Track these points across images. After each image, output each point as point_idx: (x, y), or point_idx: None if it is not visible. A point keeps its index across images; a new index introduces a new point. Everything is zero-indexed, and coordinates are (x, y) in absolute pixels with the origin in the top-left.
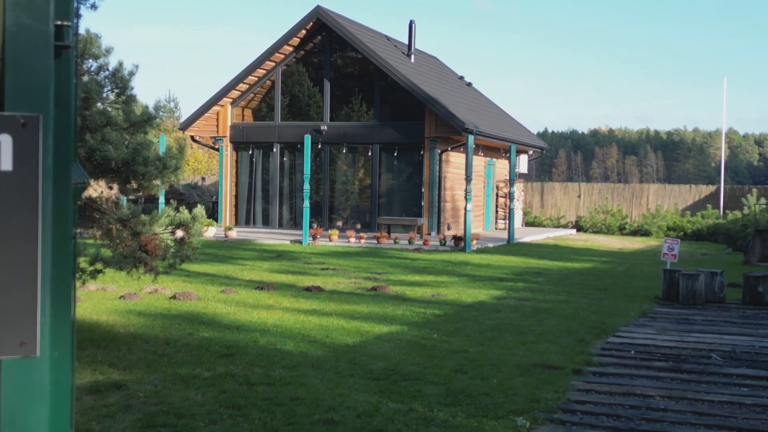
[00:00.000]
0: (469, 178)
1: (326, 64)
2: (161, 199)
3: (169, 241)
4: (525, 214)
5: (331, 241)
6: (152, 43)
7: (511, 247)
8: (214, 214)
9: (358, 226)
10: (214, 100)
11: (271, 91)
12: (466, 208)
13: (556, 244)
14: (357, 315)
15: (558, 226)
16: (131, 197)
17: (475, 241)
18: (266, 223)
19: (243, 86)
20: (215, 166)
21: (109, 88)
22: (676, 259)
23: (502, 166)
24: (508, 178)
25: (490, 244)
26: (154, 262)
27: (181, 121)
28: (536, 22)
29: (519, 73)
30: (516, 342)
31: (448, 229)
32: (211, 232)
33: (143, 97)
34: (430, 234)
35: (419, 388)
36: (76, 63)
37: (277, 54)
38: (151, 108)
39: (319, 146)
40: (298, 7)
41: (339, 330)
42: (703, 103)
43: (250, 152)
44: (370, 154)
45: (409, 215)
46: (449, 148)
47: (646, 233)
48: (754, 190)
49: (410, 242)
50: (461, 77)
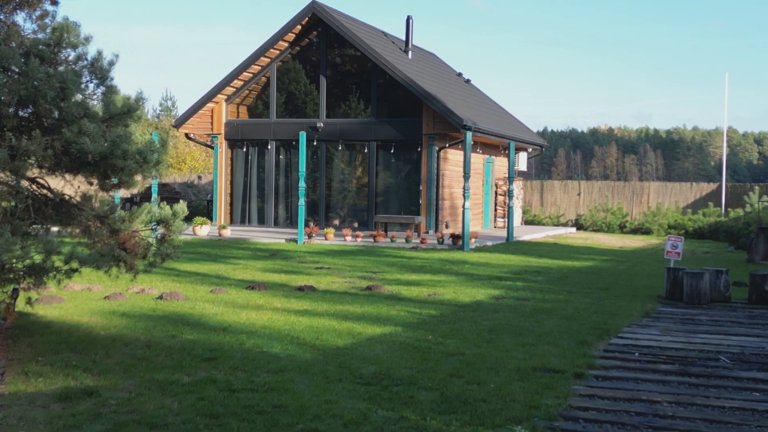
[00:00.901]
0: (467, 176)
1: (322, 60)
2: (153, 197)
3: (149, 239)
4: (524, 212)
5: (326, 239)
6: (149, 43)
7: (510, 245)
8: (209, 213)
9: (356, 225)
10: (209, 97)
11: (267, 87)
12: (464, 206)
13: (556, 242)
14: (350, 315)
15: (558, 225)
16: (126, 195)
17: (473, 240)
18: (262, 221)
19: (238, 83)
20: (213, 165)
21: (87, 78)
22: (680, 257)
23: (501, 164)
24: (507, 175)
25: (489, 243)
26: (134, 260)
27: (176, 118)
28: (534, 21)
29: (518, 73)
30: (515, 344)
31: (447, 227)
32: (205, 231)
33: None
34: (427, 232)
35: (412, 394)
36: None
37: (272, 50)
38: (132, 99)
39: (315, 143)
40: (298, 6)
41: (330, 331)
42: (702, 102)
43: (246, 150)
44: (367, 151)
45: (407, 213)
46: (447, 145)
47: (647, 231)
48: (756, 188)
49: (407, 241)
50: (459, 74)
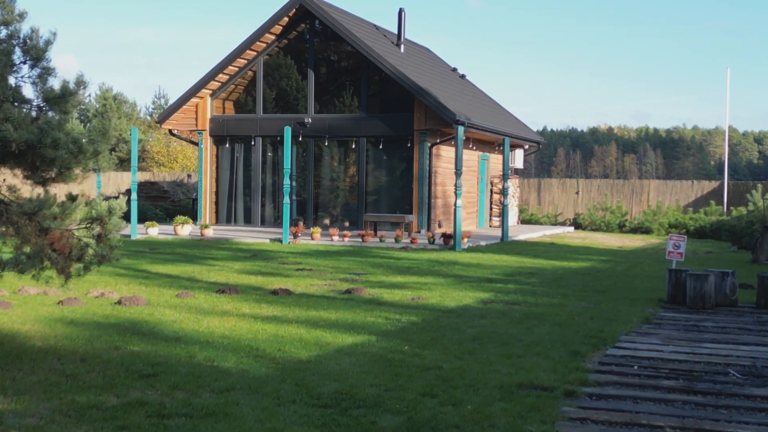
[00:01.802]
0: (459, 172)
1: (310, 54)
2: (133, 196)
3: (86, 239)
4: (521, 211)
5: (313, 239)
6: (147, 42)
7: (505, 245)
8: (194, 212)
9: (346, 224)
10: (193, 92)
11: (253, 82)
12: (456, 204)
13: (553, 242)
14: (322, 323)
15: (555, 224)
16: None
17: (465, 239)
18: (248, 221)
19: (223, 77)
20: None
21: (21, 59)
22: (683, 257)
23: (496, 162)
24: (503, 173)
25: (483, 243)
26: (67, 263)
27: (159, 113)
28: (533, 21)
29: (517, 72)
30: (500, 355)
31: (439, 226)
32: (187, 231)
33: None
34: (419, 232)
35: (374, 419)
36: None
37: (258, 42)
38: (72, 83)
39: (300, 138)
40: None
41: (295, 341)
42: (701, 101)
43: (231, 146)
44: (357, 147)
45: (400, 213)
46: (439, 141)
47: (647, 231)
48: (759, 186)
49: (397, 240)
50: (454, 69)
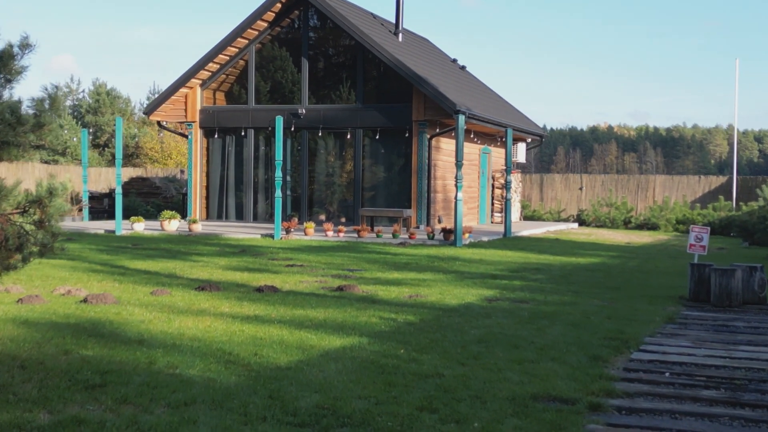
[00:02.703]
0: (459, 164)
1: (304, 42)
2: (118, 190)
3: (25, 226)
4: (523, 207)
5: (306, 234)
6: (146, 42)
7: (508, 241)
8: (184, 207)
9: (343, 220)
10: (182, 81)
11: (245, 71)
12: (456, 198)
13: (557, 238)
14: (307, 323)
15: (558, 220)
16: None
17: (466, 235)
18: (240, 216)
19: (213, 66)
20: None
21: None
22: (705, 251)
23: (498, 155)
24: (505, 166)
25: (484, 238)
26: (4, 253)
27: (147, 104)
28: (532, 21)
29: (516, 71)
30: (509, 360)
31: (439, 222)
32: (174, 226)
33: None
34: (418, 227)
35: None
36: None
37: (250, 30)
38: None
39: (292, 129)
40: None
41: (275, 344)
42: (701, 101)
43: (222, 139)
44: (353, 139)
45: (398, 207)
46: (438, 131)
47: (654, 227)
48: None
49: (394, 236)
50: (454, 60)
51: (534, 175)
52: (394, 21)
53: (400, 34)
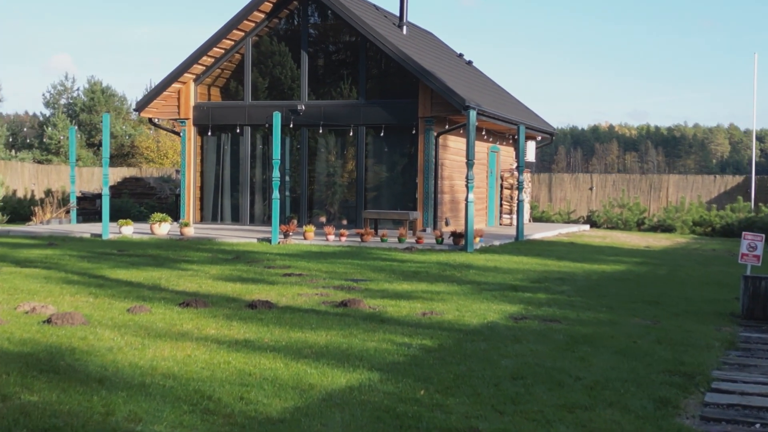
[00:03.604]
0: (470, 163)
1: (303, 34)
2: (104, 190)
3: None
4: (532, 208)
5: (305, 239)
6: (144, 42)
7: (521, 245)
8: (177, 208)
9: (344, 222)
10: (175, 76)
11: (241, 65)
12: (467, 199)
13: (572, 241)
14: (306, 350)
15: (568, 222)
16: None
17: (477, 239)
18: (236, 218)
19: (208, 60)
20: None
21: None
22: (759, 261)
23: (506, 154)
24: (515, 166)
25: (496, 242)
26: None
27: (137, 100)
28: (531, 19)
29: (515, 70)
30: (556, 406)
31: (447, 224)
32: (165, 230)
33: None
34: (424, 230)
35: None
36: None
37: (246, 22)
38: None
39: (291, 126)
40: None
41: (267, 383)
42: (700, 100)
43: (218, 137)
44: (356, 137)
45: (403, 209)
46: (447, 128)
47: (669, 229)
48: None
49: (400, 240)
50: (460, 55)
51: (542, 175)
52: (398, 14)
53: (405, 27)
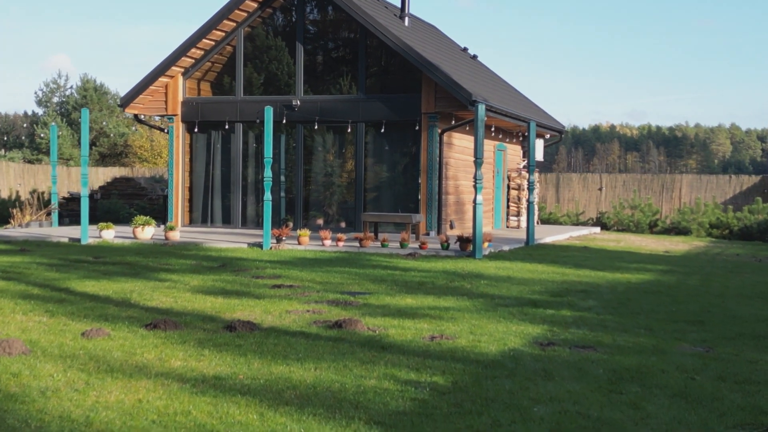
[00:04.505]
0: (479, 162)
1: (299, 25)
2: (83, 191)
3: None
4: (539, 209)
5: (300, 244)
6: (143, 42)
7: (533, 250)
8: (165, 210)
9: (342, 225)
10: (162, 69)
11: (232, 58)
12: (475, 201)
13: (585, 245)
14: (290, 393)
15: (577, 224)
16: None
17: (486, 244)
18: (227, 221)
19: (197, 52)
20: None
21: None
22: None
23: (513, 152)
24: (523, 165)
25: (505, 247)
26: None
27: (122, 96)
28: (530, 19)
29: (515, 70)
30: None
31: (451, 227)
32: (148, 233)
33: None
34: (428, 234)
35: None
36: None
37: (237, 11)
38: None
39: (284, 122)
40: None
41: None
42: (699, 100)
43: (208, 134)
44: (354, 133)
45: (405, 211)
46: (453, 124)
47: (684, 231)
48: None
49: (402, 245)
50: (464, 48)
51: (549, 175)
52: (399, 5)
53: (407, 18)
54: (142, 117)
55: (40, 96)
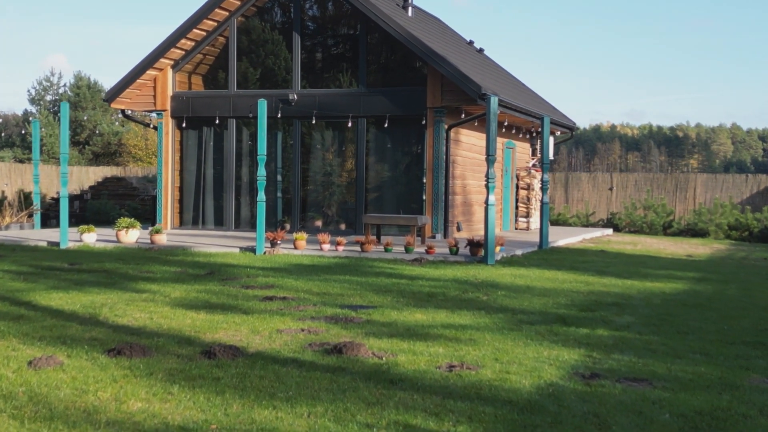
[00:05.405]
0: (491, 159)
1: (296, 14)
2: (62, 192)
3: None
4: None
5: (296, 248)
6: (142, 42)
7: (548, 255)
8: (154, 211)
9: (343, 227)
10: (149, 61)
11: (225, 50)
12: (487, 202)
13: (602, 249)
14: None
15: (587, 225)
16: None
17: (498, 248)
18: (219, 222)
19: (188, 43)
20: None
21: None
22: None
23: (522, 150)
24: (532, 163)
25: (518, 251)
26: None
27: (107, 90)
28: (529, 19)
29: (515, 70)
30: None
31: (458, 229)
32: (133, 237)
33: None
34: (434, 237)
35: None
36: None
37: (230, 0)
38: None
39: (281, 116)
40: None
41: None
42: (699, 100)
43: (199, 131)
44: (355, 129)
45: (408, 212)
46: (463, 117)
47: (701, 233)
48: None
49: (408, 250)
50: (470, 42)
51: (558, 174)
52: None
53: (410, 8)
54: (129, 112)
55: (32, 94)
